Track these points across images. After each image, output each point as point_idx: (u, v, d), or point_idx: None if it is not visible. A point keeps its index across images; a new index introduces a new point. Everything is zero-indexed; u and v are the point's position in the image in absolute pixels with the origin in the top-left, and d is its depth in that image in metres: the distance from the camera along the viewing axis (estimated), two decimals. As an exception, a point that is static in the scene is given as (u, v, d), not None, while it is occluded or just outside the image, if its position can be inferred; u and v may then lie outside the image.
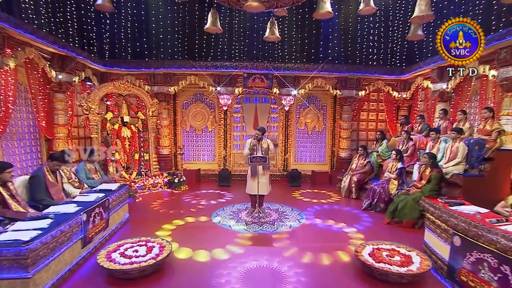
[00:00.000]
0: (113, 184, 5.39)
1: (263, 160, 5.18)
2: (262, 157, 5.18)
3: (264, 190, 5.34)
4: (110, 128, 7.39)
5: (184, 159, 9.34)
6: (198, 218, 5.58)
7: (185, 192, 7.47)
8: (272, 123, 9.39)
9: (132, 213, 5.57)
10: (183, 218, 5.60)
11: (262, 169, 5.26)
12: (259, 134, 5.22)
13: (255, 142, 5.21)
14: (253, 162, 5.23)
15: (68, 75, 6.88)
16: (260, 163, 5.19)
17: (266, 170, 5.37)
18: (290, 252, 4.20)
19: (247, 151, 5.21)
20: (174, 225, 5.28)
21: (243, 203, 6.41)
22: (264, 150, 5.26)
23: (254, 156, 5.20)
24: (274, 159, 9.45)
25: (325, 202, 6.73)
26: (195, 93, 9.22)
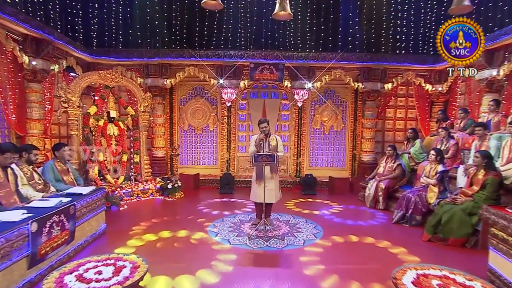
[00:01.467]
0: (86, 187, 4.73)
1: (270, 159, 4.49)
2: (270, 156, 4.50)
3: (272, 197, 4.72)
4: (93, 125, 6.83)
5: (181, 163, 8.95)
6: (189, 230, 4.94)
7: (180, 200, 6.98)
8: (283, 121, 8.91)
9: (111, 224, 5.02)
10: (173, 230, 4.96)
11: (269, 172, 4.71)
12: (266, 126, 4.63)
13: (262, 137, 4.64)
14: (258, 162, 4.54)
15: (45, 62, 6.39)
16: (267, 163, 4.53)
17: (274, 173, 4.78)
18: (304, 275, 3.48)
19: (253, 148, 4.64)
20: (158, 239, 4.62)
21: (246, 213, 5.92)
22: (272, 148, 4.69)
23: (260, 154, 4.53)
24: (285, 163, 8.90)
25: (345, 213, 6.14)
26: (194, 87, 8.82)
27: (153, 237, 4.67)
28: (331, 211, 6.20)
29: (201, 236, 4.69)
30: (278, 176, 4.95)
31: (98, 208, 4.68)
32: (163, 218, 5.57)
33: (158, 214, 5.86)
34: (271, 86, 8.68)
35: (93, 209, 4.54)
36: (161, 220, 5.49)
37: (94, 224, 4.57)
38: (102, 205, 4.85)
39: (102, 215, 4.82)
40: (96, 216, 4.62)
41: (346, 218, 5.78)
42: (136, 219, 5.46)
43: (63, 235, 3.73)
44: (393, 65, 8.06)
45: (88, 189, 4.61)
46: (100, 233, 4.71)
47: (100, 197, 4.78)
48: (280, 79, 7.87)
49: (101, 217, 4.79)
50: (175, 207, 6.46)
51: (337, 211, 6.22)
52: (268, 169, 4.65)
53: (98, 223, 4.69)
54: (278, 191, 4.85)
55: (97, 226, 4.65)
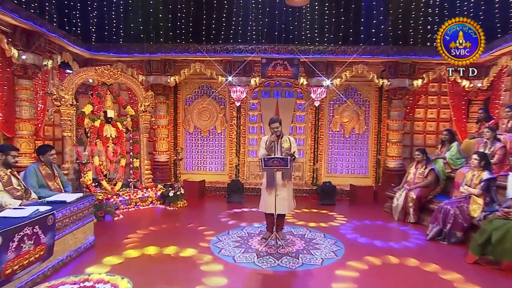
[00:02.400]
0: (72, 194, 4.37)
1: (283, 164, 4.09)
2: (282, 159, 4.10)
3: (284, 207, 4.39)
4: (89, 125, 6.54)
5: (185, 168, 8.72)
6: (188, 245, 4.52)
7: (182, 210, 6.67)
8: (298, 123, 8.63)
9: (102, 236, 4.72)
10: (168, 244, 4.55)
11: (282, 178, 4.38)
12: (278, 127, 4.33)
13: (273, 138, 4.32)
14: (269, 167, 4.14)
15: (36, 56, 6.17)
16: (280, 168, 4.15)
17: (287, 180, 4.44)
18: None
19: (263, 151, 4.37)
20: (149, 255, 4.23)
21: (256, 225, 5.55)
22: (285, 151, 4.35)
23: (270, 158, 4.13)
24: (301, 169, 8.58)
25: (370, 227, 5.69)
26: (200, 85, 8.64)
27: (145, 252, 4.29)
28: (353, 224, 5.80)
29: (201, 252, 4.29)
30: (292, 184, 4.64)
31: (85, 218, 4.32)
32: (161, 229, 5.24)
33: (156, 225, 5.51)
34: (285, 83, 8.45)
35: (79, 219, 4.18)
36: (157, 232, 5.14)
37: (80, 236, 4.21)
38: (90, 214, 4.50)
39: (90, 226, 4.47)
40: (83, 227, 4.27)
41: (371, 233, 5.30)
42: (129, 231, 5.12)
43: (38, 251, 3.34)
44: (423, 59, 7.62)
45: (74, 196, 4.27)
46: (87, 246, 4.36)
47: (88, 205, 4.43)
48: (295, 76, 7.58)
49: (88, 229, 4.43)
50: (176, 217, 6.15)
51: (360, 224, 5.80)
52: (280, 175, 4.35)
53: (85, 236, 4.33)
54: (292, 201, 4.55)
55: (83, 239, 4.29)
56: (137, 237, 4.85)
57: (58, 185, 4.75)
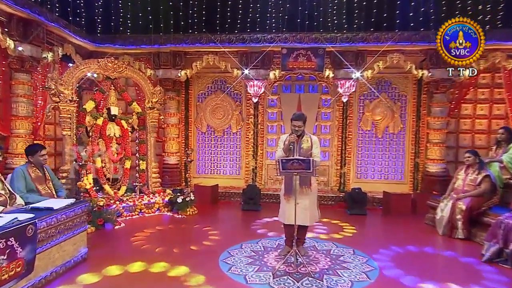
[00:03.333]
0: (63, 200, 4.13)
1: (304, 166, 3.79)
2: (303, 161, 3.80)
3: (305, 218, 4.12)
4: (90, 124, 6.44)
5: (197, 171, 8.67)
6: (195, 261, 4.21)
7: (191, 218, 6.44)
8: (323, 121, 8.39)
9: (97, 247, 4.53)
10: (168, 260, 4.23)
11: (303, 183, 4.08)
12: (300, 126, 4.10)
13: (293, 138, 4.06)
14: (287, 170, 3.85)
15: (34, 48, 6.10)
16: (300, 172, 3.84)
17: (306, 187, 4.12)
18: None
19: (280, 153, 4.15)
20: (144, 272, 3.92)
21: (273, 238, 5.25)
22: (304, 153, 4.11)
23: (289, 159, 3.85)
24: (326, 174, 8.37)
25: (409, 241, 5.19)
26: (214, 80, 8.57)
27: (139, 268, 3.99)
28: (388, 238, 5.47)
29: (207, 271, 3.92)
30: (316, 190, 4.35)
31: (76, 227, 4.03)
32: (163, 242, 4.93)
33: (159, 236, 5.26)
34: (308, 77, 8.24)
35: (68, 229, 3.89)
36: (159, 245, 4.82)
37: (69, 249, 3.92)
38: (83, 223, 4.21)
39: (82, 236, 4.18)
40: (73, 238, 3.98)
41: (410, 249, 4.82)
42: (129, 242, 4.90)
43: (13, 267, 3.03)
44: (472, 45, 7.05)
45: (64, 202, 3.99)
46: (78, 260, 4.07)
47: (80, 212, 4.13)
48: (320, 68, 7.40)
49: (80, 240, 4.14)
50: (183, 226, 5.89)
51: (396, 238, 5.37)
52: (298, 181, 4.01)
53: (75, 248, 4.04)
54: (316, 210, 4.31)
55: (73, 252, 4.00)
56: (135, 250, 4.60)
57: (50, 189, 4.54)
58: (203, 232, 5.46)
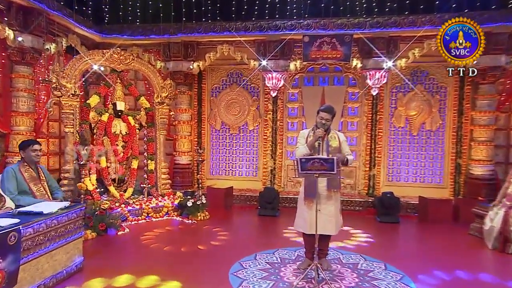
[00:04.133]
0: (55, 203, 3.93)
1: (327, 167, 3.50)
2: (326, 161, 3.51)
3: (331, 226, 3.93)
4: (95, 120, 6.39)
5: (210, 172, 8.61)
6: (201, 275, 4.02)
7: (202, 223, 6.32)
8: (350, 117, 8.18)
9: (96, 256, 4.43)
10: (173, 274, 3.99)
11: (325, 187, 3.90)
12: (328, 120, 3.90)
13: (321, 133, 3.82)
14: (307, 171, 3.58)
15: (36, 38, 6.11)
16: (323, 173, 3.57)
17: (334, 190, 3.94)
18: None
19: (303, 150, 3.92)
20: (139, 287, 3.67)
21: (292, 247, 4.99)
22: (333, 152, 3.89)
23: (310, 158, 3.59)
24: (353, 176, 8.16)
25: (452, 256, 4.86)
26: (229, 72, 8.50)
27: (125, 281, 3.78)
28: (425, 251, 5.15)
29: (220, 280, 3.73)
30: (340, 194, 4.12)
31: (69, 234, 3.84)
32: (167, 252, 4.73)
33: (164, 244, 5.06)
34: (333, 68, 8.07)
35: (60, 236, 3.69)
36: (162, 255, 4.62)
37: (61, 258, 3.73)
38: (78, 229, 4.02)
39: (77, 244, 4.00)
40: (66, 246, 3.79)
41: (454, 266, 4.40)
42: (132, 250, 4.78)
43: (-9, 279, 2.80)
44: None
45: (57, 205, 3.78)
46: (72, 271, 3.88)
47: (75, 217, 3.94)
48: (346, 57, 7.14)
49: (74, 247, 3.95)
50: (192, 233, 5.72)
51: (435, 251, 5.04)
52: (324, 183, 3.87)
53: (69, 257, 3.85)
54: (339, 217, 4.11)
55: (66, 261, 3.81)
56: (134, 259, 4.43)
57: (45, 190, 4.35)
58: (213, 240, 5.24)
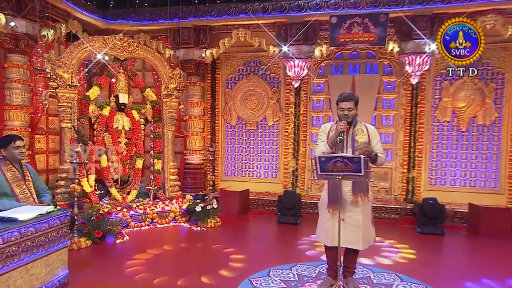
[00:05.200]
0: (36, 208, 3.74)
1: (353, 167, 3.21)
2: (351, 160, 3.20)
3: (357, 239, 3.63)
4: (95, 114, 6.34)
5: (225, 173, 8.51)
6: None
7: (213, 231, 6.14)
8: (385, 110, 7.84)
9: (86, 269, 4.31)
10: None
11: (351, 191, 3.62)
12: (351, 108, 3.60)
13: (343, 127, 3.55)
14: (327, 173, 3.28)
15: (31, 24, 6.00)
16: (348, 175, 3.30)
17: (362, 195, 3.60)
18: None
19: (323, 147, 3.66)
20: None
21: (312, 263, 4.72)
22: (360, 148, 3.59)
23: (331, 157, 3.30)
24: (388, 178, 7.79)
25: None
26: (246, 61, 8.33)
27: None
28: (477, 271, 4.68)
29: None
30: (371, 200, 3.77)
31: (51, 243, 3.62)
32: (167, 268, 4.50)
33: (165, 257, 4.84)
34: (366, 53, 7.74)
35: (39, 246, 3.46)
36: (161, 272, 4.38)
37: (40, 272, 3.50)
38: (63, 237, 3.79)
39: (61, 255, 3.77)
40: (46, 258, 3.57)
41: None
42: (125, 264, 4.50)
43: None
44: None
45: (38, 210, 3.59)
46: (54, 287, 3.65)
47: (59, 224, 3.71)
48: (381, 41, 6.83)
49: (58, 259, 3.73)
50: (199, 244, 5.47)
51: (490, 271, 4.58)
52: (348, 187, 3.58)
53: (50, 270, 3.62)
54: (371, 228, 3.78)
55: (47, 275, 3.57)
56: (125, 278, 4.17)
57: (30, 192, 4.16)
58: (223, 251, 4.98)
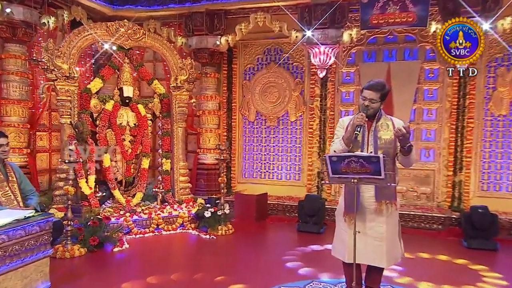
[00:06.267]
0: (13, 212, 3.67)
1: (370, 169, 2.99)
2: (367, 160, 2.98)
3: (380, 254, 3.38)
4: (97, 109, 6.32)
5: (242, 175, 8.41)
6: None
7: (223, 240, 5.99)
8: (426, 103, 7.53)
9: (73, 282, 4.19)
10: None
11: (374, 197, 3.34)
12: (374, 100, 3.37)
13: (360, 120, 3.31)
14: (340, 175, 3.06)
15: (29, 10, 5.94)
16: (365, 178, 3.07)
17: (386, 202, 3.33)
18: None
19: (337, 146, 3.44)
20: None
21: (329, 281, 4.51)
22: (384, 146, 3.37)
23: (345, 156, 3.08)
24: (430, 182, 7.36)
25: None
26: (266, 49, 8.16)
27: None
28: None
29: None
30: (398, 208, 3.46)
31: (28, 253, 3.54)
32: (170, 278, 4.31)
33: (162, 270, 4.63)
34: (403, 37, 7.40)
35: (14, 256, 3.38)
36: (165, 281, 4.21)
37: (15, 285, 3.40)
38: (43, 246, 3.71)
39: (41, 266, 3.69)
40: (23, 270, 3.48)
41: None
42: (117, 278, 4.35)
43: None
44: None
45: (17, 215, 3.52)
46: None
47: (38, 231, 3.62)
48: (422, 21, 6.62)
49: (37, 271, 3.64)
50: (206, 255, 5.31)
51: None
52: (370, 192, 3.32)
53: (27, 283, 3.52)
54: (398, 242, 3.48)
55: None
56: None
57: (13, 195, 4.14)
58: (228, 264, 4.75)
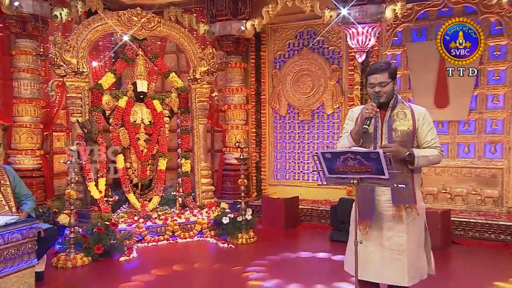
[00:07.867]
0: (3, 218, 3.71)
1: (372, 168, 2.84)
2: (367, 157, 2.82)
3: (400, 270, 3.17)
4: (109, 106, 6.38)
5: (274, 176, 8.32)
6: None
7: (243, 249, 5.93)
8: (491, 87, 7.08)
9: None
10: None
11: (391, 201, 3.18)
12: (383, 83, 3.19)
13: (370, 110, 3.12)
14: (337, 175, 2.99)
15: (38, 3, 6.04)
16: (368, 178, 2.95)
17: (407, 207, 3.14)
18: None
19: (344, 141, 3.33)
20: None
21: None
22: (400, 140, 3.16)
23: (340, 153, 2.92)
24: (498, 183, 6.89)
25: None
26: (298, 32, 7.99)
27: None
28: None
29: None
30: (424, 214, 3.29)
31: (10, 262, 3.58)
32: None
33: None
34: (462, 8, 6.94)
35: None
36: None
37: None
38: (27, 256, 3.72)
39: (24, 277, 3.70)
40: (1, 281, 3.53)
41: None
42: None
43: None
44: None
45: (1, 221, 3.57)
46: None
47: (20, 239, 3.64)
48: None
49: (19, 283, 3.67)
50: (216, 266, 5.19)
51: None
52: (386, 195, 3.15)
53: None
54: (421, 256, 3.25)
55: None
56: None
57: (5, 200, 4.21)
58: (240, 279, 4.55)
